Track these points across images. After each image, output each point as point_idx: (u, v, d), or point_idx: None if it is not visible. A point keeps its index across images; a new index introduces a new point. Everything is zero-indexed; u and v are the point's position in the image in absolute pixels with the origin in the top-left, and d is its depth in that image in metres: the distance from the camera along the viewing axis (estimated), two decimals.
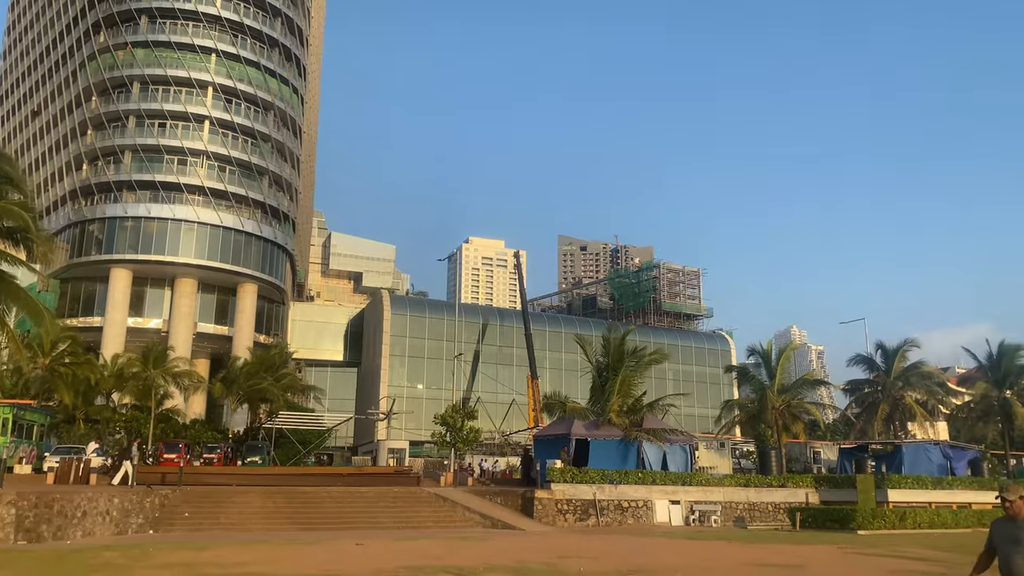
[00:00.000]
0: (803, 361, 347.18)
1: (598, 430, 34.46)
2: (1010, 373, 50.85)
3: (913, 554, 20.63)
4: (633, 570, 15.38)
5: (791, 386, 44.51)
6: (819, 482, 37.01)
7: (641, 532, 27.36)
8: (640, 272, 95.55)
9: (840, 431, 70.90)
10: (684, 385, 78.05)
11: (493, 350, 74.98)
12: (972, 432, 55.36)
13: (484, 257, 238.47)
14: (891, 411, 49.17)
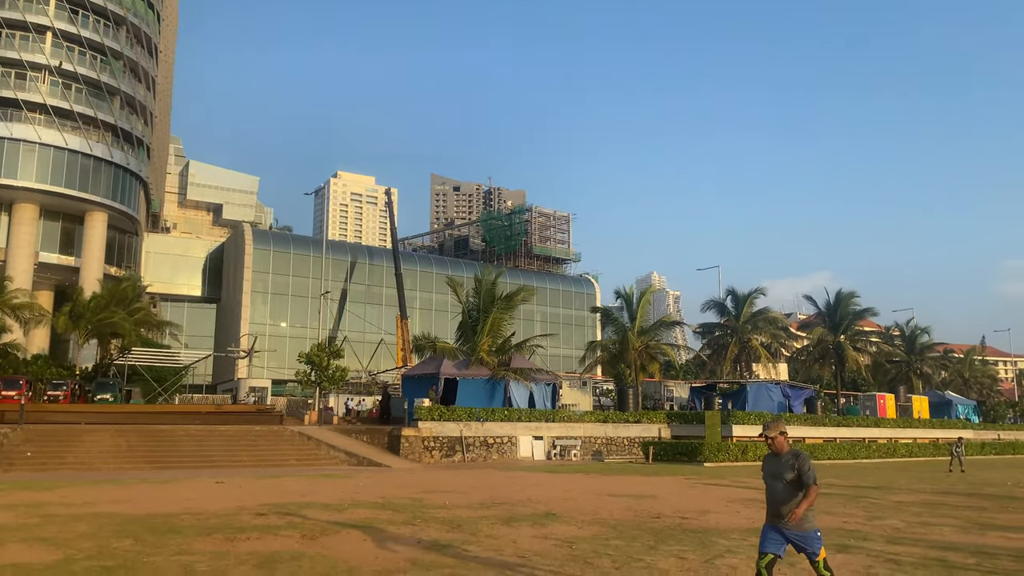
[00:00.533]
0: (661, 305, 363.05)
1: (467, 370, 34.94)
2: (844, 319, 55.32)
3: (751, 484, 22.34)
4: (497, 502, 15.87)
5: (650, 328, 46.62)
6: (671, 418, 39.23)
7: (505, 467, 28.19)
8: (512, 215, 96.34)
9: (692, 371, 75.24)
10: (551, 327, 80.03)
11: (361, 289, 73.99)
12: (809, 373, 60.17)
13: (353, 193, 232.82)
14: (739, 353, 52.50)
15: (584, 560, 9.75)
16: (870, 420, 47.91)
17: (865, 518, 14.72)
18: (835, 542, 11.59)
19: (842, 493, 19.96)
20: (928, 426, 51.89)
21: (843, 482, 23.87)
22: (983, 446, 48.07)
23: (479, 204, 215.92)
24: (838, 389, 57.65)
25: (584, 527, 12.69)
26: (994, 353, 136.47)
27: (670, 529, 12.64)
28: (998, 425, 65.87)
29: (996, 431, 59.65)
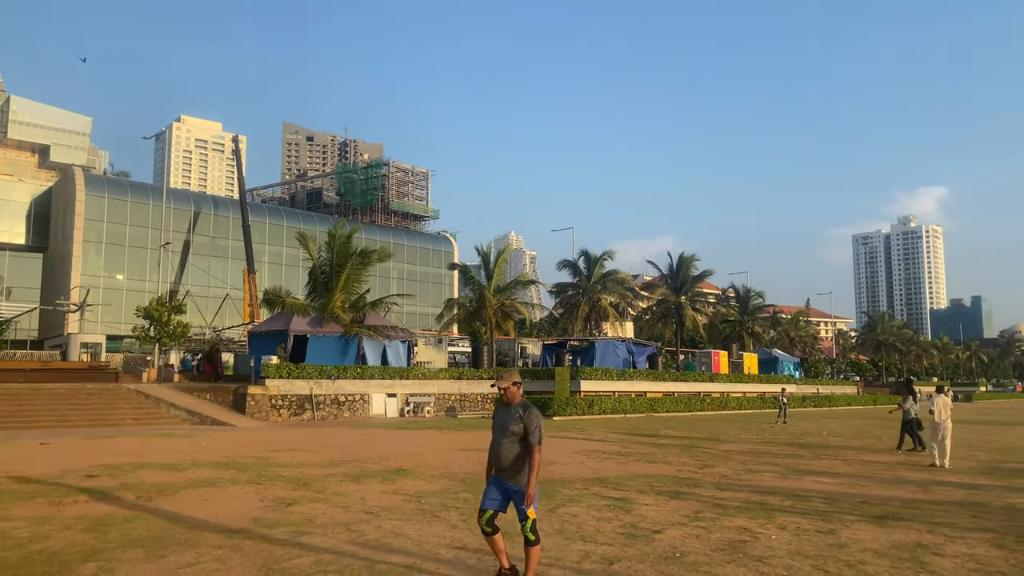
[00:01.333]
0: (518, 264, 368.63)
1: (319, 327, 34.16)
2: (685, 281, 58.31)
3: (596, 436, 23.35)
4: (346, 460, 15.72)
5: (506, 287, 47.29)
6: (524, 375, 40.16)
7: (357, 424, 27.94)
8: (369, 169, 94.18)
9: (546, 329, 77.16)
10: (408, 284, 79.57)
11: (206, 241, 70.39)
12: (653, 331, 63.19)
13: (198, 139, 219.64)
14: (589, 312, 54.28)
15: (432, 513, 9.86)
16: (705, 375, 51.11)
17: (697, 466, 15.74)
18: (670, 489, 12.34)
19: (678, 444, 21.22)
20: (757, 381, 56.02)
21: (679, 433, 25.39)
22: (804, 399, 52.50)
23: (334, 156, 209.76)
24: (678, 346, 60.99)
25: (434, 481, 12.82)
26: (817, 314, 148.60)
27: None
28: (818, 380, 72.13)
29: (816, 385, 65.33)
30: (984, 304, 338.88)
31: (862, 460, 17.89)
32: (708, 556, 7.74)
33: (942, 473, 15.44)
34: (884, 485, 13.48)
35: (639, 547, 8.10)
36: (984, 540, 8.77)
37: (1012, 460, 18.41)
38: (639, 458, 17.15)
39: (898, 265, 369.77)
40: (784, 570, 7.23)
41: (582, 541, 8.36)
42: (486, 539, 6.42)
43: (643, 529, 9.04)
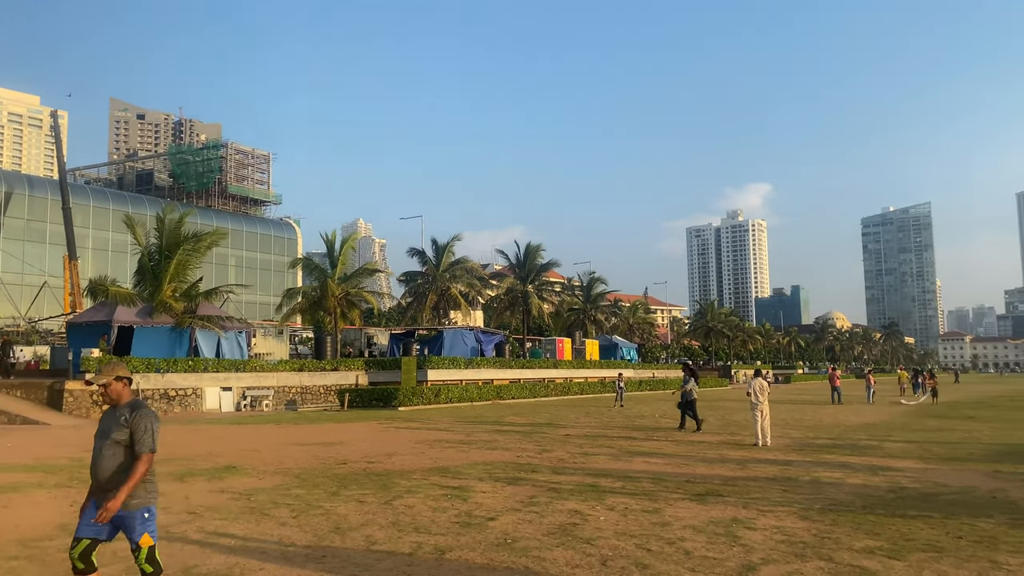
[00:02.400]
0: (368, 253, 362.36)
1: (147, 317, 32.01)
2: (532, 270, 59.47)
3: (441, 425, 23.34)
4: (172, 458, 14.80)
5: (352, 275, 46.30)
6: (369, 365, 39.54)
7: (188, 420, 26.48)
8: (205, 150, 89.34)
9: (395, 318, 76.39)
10: (248, 272, 76.37)
11: (20, 224, 64.40)
12: (501, 319, 64.04)
13: (12, 113, 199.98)
14: (438, 300, 54.20)
15: (261, 511, 9.46)
16: (550, 362, 52.41)
17: (536, 452, 16.05)
18: (508, 476, 12.49)
19: (520, 430, 21.58)
20: (598, 367, 58.08)
21: (522, 420, 25.84)
22: (641, 383, 54.94)
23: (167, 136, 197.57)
24: (524, 334, 62.17)
25: (265, 478, 12.32)
26: (654, 303, 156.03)
27: (355, 474, 12.72)
28: (653, 365, 75.81)
29: (652, 370, 68.56)
30: (802, 293, 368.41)
31: (689, 440, 18.91)
32: (539, 541, 7.87)
33: (761, 451, 16.57)
34: (707, 464, 14.29)
35: (472, 535, 8.12)
36: (791, 512, 9.46)
37: (821, 437, 20.04)
38: (481, 445, 17.28)
39: (727, 256, 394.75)
40: (609, 550, 7.46)
41: (415, 532, 8.27)
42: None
43: (478, 517, 9.08)
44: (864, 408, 33.69)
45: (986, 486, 11.56)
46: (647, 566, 6.91)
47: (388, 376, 38.08)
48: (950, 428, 22.80)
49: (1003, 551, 7.46)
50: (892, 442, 18.47)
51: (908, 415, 29.25)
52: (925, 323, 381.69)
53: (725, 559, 7.16)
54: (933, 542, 7.84)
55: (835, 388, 38.99)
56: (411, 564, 6.98)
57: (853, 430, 22.18)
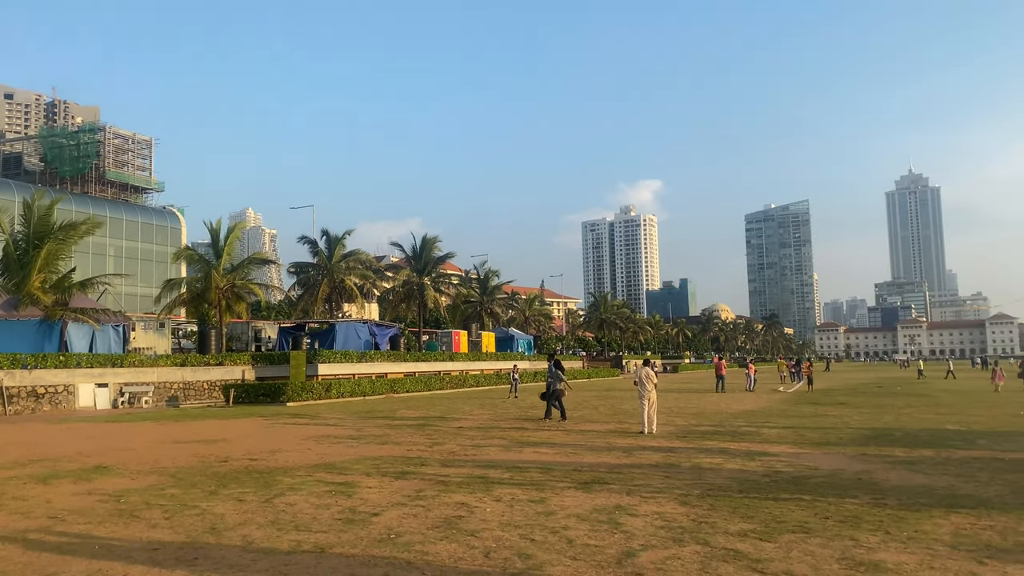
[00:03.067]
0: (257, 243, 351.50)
1: (12, 310, 29.93)
2: (429, 262, 59.07)
3: (331, 420, 22.84)
4: (36, 459, 13.88)
5: (239, 266, 44.70)
6: (256, 360, 38.31)
7: (59, 419, 24.90)
8: (81, 133, 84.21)
9: (285, 311, 74.35)
10: (128, 263, 72.66)
11: None
12: (397, 312, 63.26)
13: None
14: (331, 292, 53.05)
15: (131, 513, 8.95)
16: (446, 355, 52.27)
17: (427, 444, 15.92)
18: (397, 470, 12.31)
19: (412, 424, 21.37)
20: (494, 359, 58.35)
21: (416, 413, 25.62)
22: (536, 375, 55.53)
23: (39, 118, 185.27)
24: (420, 327, 61.73)
25: (138, 478, 11.69)
26: (550, 295, 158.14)
27: (235, 472, 12.25)
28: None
29: (546, 361, 69.50)
30: (690, 286, 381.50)
31: (579, 430, 19.21)
32: (423, 535, 7.77)
33: (648, 439, 17.00)
34: (595, 452, 14.54)
35: (355, 532, 7.94)
36: (672, 498, 9.72)
37: (703, 424, 20.76)
38: (371, 440, 17.00)
39: (620, 250, 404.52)
40: (493, 542, 7.45)
41: (296, 531, 8.02)
42: None
43: (362, 513, 8.89)
44: (745, 396, 35.17)
45: (853, 468, 12.23)
46: (530, 556, 6.93)
47: (276, 371, 37.02)
48: (823, 414, 24.07)
49: (864, 530, 7.89)
50: (769, 428, 19.33)
51: (785, 402, 30.71)
52: (803, 315, 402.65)
53: (606, 546, 7.27)
54: (802, 523, 8.21)
55: (720, 377, 40.50)
56: (288, 564, 6.75)
57: (734, 417, 23.10)
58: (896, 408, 26.28)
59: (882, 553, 6.94)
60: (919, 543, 7.29)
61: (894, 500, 9.48)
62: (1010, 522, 8.20)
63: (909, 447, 14.95)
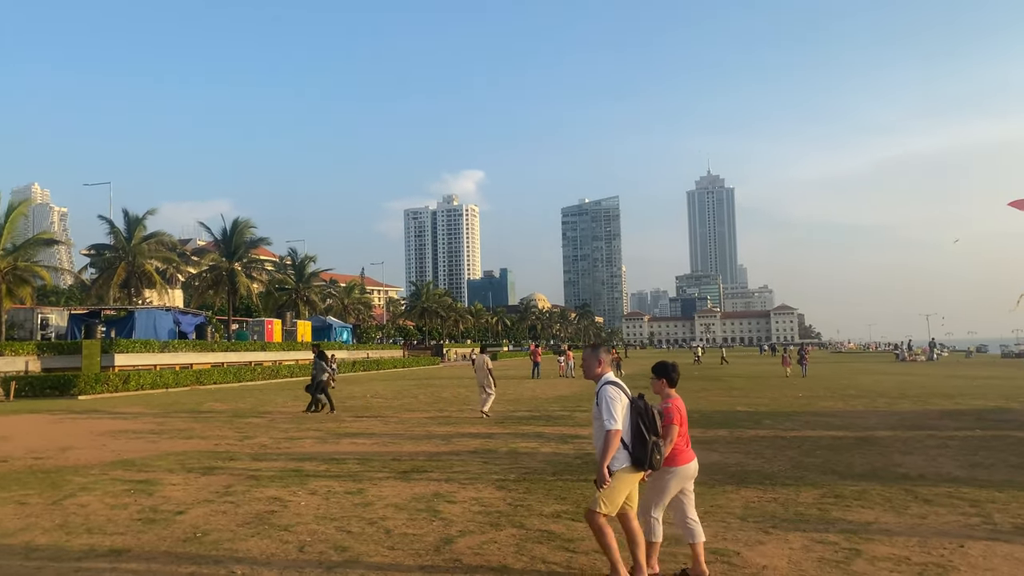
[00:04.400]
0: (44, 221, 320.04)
1: None
2: (239, 247, 56.28)
3: (129, 414, 21.24)
4: None
5: (22, 246, 40.37)
6: (43, 349, 34.82)
7: None
8: None
9: (77, 296, 68.10)
10: None
11: None
12: (204, 299, 59.75)
13: None
14: (129, 277, 49.18)
15: None
16: (258, 344, 50.09)
17: (237, 438, 15.18)
18: (203, 465, 11.65)
19: (220, 417, 20.32)
20: (310, 349, 56.64)
21: (224, 405, 24.38)
22: (355, 364, 54.64)
23: None
24: (230, 315, 58.73)
25: None
26: (371, 283, 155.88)
27: (16, 473, 11.08)
28: (368, 345, 75.72)
29: (366, 350, 68.47)
30: (510, 276, 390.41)
31: (399, 418, 19.11)
32: (232, 532, 7.40)
33: (465, 426, 17.20)
34: (415, 441, 14.52)
35: (156, 532, 7.42)
36: (490, 484, 9.90)
37: (520, 410, 21.33)
38: (175, 435, 15.97)
39: (442, 239, 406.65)
40: (308, 536, 7.23)
41: (88, 534, 7.38)
42: None
43: (164, 512, 8.33)
44: (559, 382, 36.53)
45: None
46: (346, 548, 6.79)
47: (66, 361, 33.81)
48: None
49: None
50: (581, 412, 20.19)
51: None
52: (612, 304, 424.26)
53: (424, 534, 7.27)
54: None
55: (535, 364, 41.80)
56: (80, 570, 6.19)
57: (548, 402, 23.93)
58: (693, 392, 28.29)
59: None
60: (714, 516, 7.90)
61: None
62: (791, 494, 9.08)
63: (704, 428, 16.16)
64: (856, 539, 6.92)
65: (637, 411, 5.45)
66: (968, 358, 75.58)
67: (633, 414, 5.44)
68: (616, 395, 5.44)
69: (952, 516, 7.83)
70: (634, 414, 5.44)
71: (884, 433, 14.98)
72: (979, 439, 13.86)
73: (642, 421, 5.38)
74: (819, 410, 20.40)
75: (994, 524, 7.47)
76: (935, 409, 20.02)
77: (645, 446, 5.35)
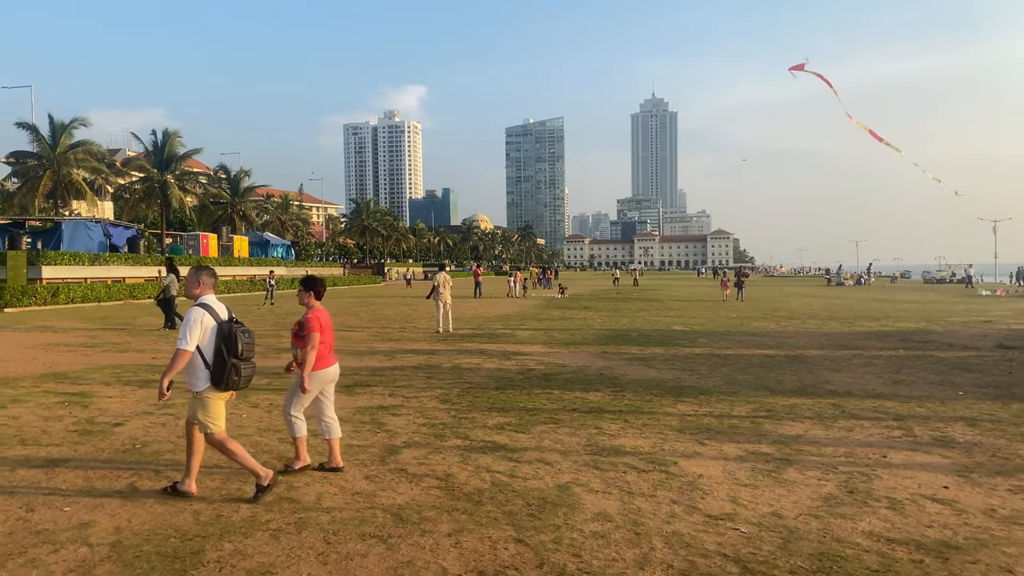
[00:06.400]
0: None
1: None
2: (172, 158, 54.25)
3: (60, 327, 20.65)
4: None
5: None
6: None
7: None
8: None
9: None
10: None
11: None
12: (136, 212, 57.74)
13: None
14: (55, 187, 47.11)
15: None
16: (193, 259, 48.92)
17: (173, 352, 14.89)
18: (140, 378, 11.44)
19: (155, 332, 19.90)
20: (247, 264, 55.69)
21: (160, 320, 23.84)
22: (293, 281, 53.92)
23: None
24: (163, 229, 57.02)
25: None
26: (310, 199, 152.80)
27: None
28: (307, 263, 74.72)
29: (305, 268, 67.57)
30: (452, 196, 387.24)
31: (339, 336, 18.99)
32: (173, 443, 7.33)
33: (408, 343, 17.23)
34: (357, 357, 14.49)
35: (94, 443, 7.30)
36: (434, 397, 9.98)
37: (463, 328, 21.38)
38: (109, 348, 15.62)
39: (384, 156, 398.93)
40: (251, 447, 7.19)
41: (22, 445, 7.21)
42: None
43: (101, 424, 8.19)
44: (501, 301, 36.78)
45: (596, 365, 13.30)
46: (289, 459, 6.80)
47: None
48: (570, 317, 25.84)
49: (606, 419, 8.64)
50: (523, 330, 20.41)
51: (537, 307, 32.54)
52: (554, 227, 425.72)
53: (369, 445, 7.32)
54: (553, 415, 8.83)
55: (478, 283, 41.92)
56: (12, 481, 6.06)
57: (491, 321, 24.10)
58: (632, 312, 28.86)
59: (622, 439, 7.65)
60: (653, 429, 8.14)
61: (631, 393, 10.46)
62: (724, 408, 9.40)
63: (643, 346, 16.53)
64: (787, 450, 7.23)
65: (222, 334, 5.54)
66: (893, 283, 78.58)
67: (218, 337, 5.53)
68: (199, 317, 5.48)
69: (876, 429, 8.23)
70: (218, 337, 5.54)
71: (814, 352, 15.56)
72: (902, 358, 14.52)
73: (225, 344, 5.50)
74: (752, 330, 21.04)
75: (915, 436, 7.88)
76: (862, 331, 20.84)
77: (223, 367, 5.50)
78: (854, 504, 5.62)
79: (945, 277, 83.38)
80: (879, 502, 5.66)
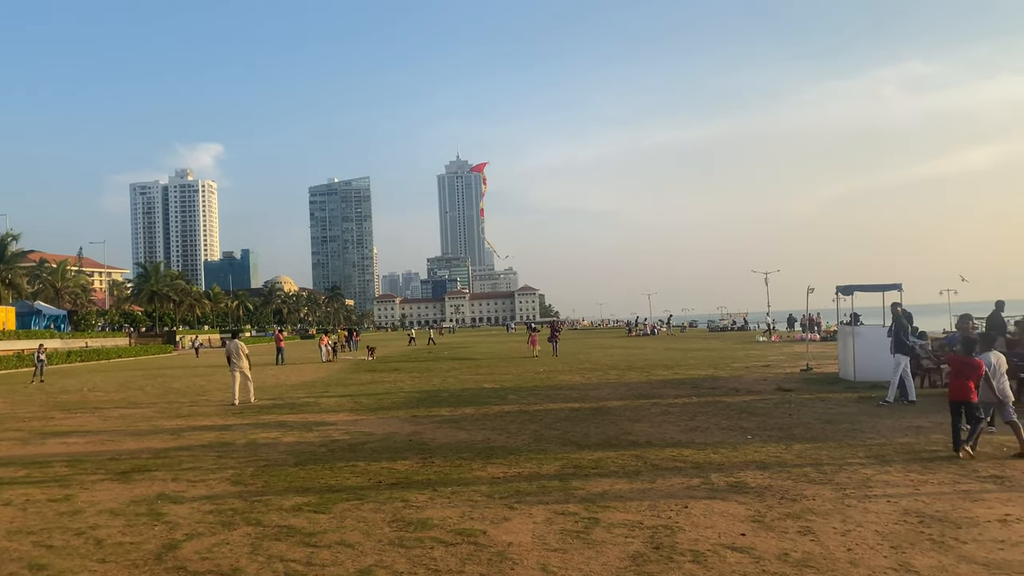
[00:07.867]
0: None
1: None
2: None
3: None
4: None
5: None
6: None
7: None
8: None
9: None
10: None
11: None
12: None
13: None
14: None
15: None
16: None
17: None
18: None
19: None
20: (13, 338, 49.84)
21: None
22: (70, 354, 48.83)
23: None
24: None
25: None
26: (90, 264, 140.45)
27: None
28: (87, 333, 68.08)
29: (85, 339, 61.52)
30: (252, 257, 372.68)
31: (120, 414, 17.20)
32: None
33: (199, 419, 15.87)
34: (138, 437, 13.09)
35: None
36: (224, 479, 9.09)
37: (262, 398, 20.04)
38: None
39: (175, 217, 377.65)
40: None
41: None
42: None
43: None
44: (304, 367, 35.28)
45: (405, 431, 12.86)
46: (44, 567, 5.82)
47: None
48: (379, 380, 25.15)
49: (414, 489, 8.24)
50: (328, 398, 19.53)
51: (344, 371, 31.49)
52: (363, 287, 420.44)
53: (144, 542, 6.45)
54: (357, 490, 8.30)
55: (280, 349, 40.07)
56: None
57: (293, 389, 22.92)
58: (443, 372, 28.65)
59: (429, 511, 7.29)
60: (461, 496, 7.85)
61: (440, 458, 10.13)
62: (533, 467, 9.32)
63: (454, 406, 16.30)
64: (594, 508, 7.20)
65: None
66: (683, 332, 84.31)
67: None
68: None
69: (677, 478, 8.45)
70: None
71: (615, 403, 16.05)
72: (695, 405, 15.31)
73: None
74: (559, 384, 21.50)
75: (712, 484, 8.16)
76: (658, 379, 21.91)
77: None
78: (660, 561, 5.62)
79: (727, 325, 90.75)
80: (683, 556, 5.71)
